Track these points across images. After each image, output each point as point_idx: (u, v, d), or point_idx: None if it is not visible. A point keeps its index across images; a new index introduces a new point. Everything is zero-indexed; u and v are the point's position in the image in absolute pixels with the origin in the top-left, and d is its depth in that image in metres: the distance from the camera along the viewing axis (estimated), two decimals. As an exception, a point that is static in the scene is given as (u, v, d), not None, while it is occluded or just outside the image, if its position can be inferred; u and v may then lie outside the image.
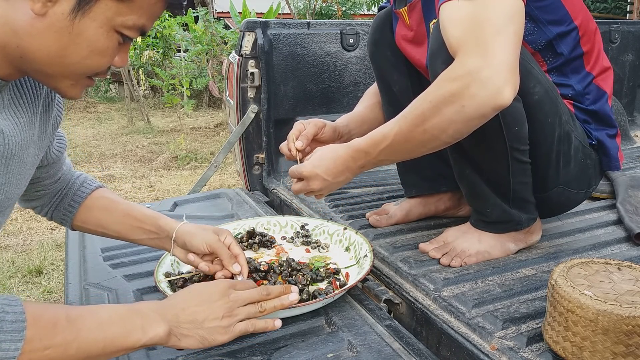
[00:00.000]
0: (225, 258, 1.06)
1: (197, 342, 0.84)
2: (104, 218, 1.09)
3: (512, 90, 0.91)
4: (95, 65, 0.75)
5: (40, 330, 0.67)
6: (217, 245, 1.06)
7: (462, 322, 0.99)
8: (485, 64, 0.90)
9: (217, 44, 5.82)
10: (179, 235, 1.07)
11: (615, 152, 1.25)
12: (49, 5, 0.68)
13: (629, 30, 2.56)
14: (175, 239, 1.07)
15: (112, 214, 1.08)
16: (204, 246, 1.05)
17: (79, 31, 0.70)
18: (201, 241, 1.05)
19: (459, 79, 0.92)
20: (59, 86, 0.77)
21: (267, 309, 0.92)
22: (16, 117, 0.78)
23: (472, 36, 0.92)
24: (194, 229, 1.08)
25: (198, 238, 1.06)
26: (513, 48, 0.92)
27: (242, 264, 1.07)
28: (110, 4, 0.70)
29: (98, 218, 1.09)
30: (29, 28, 0.69)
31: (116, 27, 0.72)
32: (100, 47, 0.73)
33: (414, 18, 1.31)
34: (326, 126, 1.34)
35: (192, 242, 1.06)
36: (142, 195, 3.81)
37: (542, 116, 1.11)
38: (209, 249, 1.06)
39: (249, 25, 1.90)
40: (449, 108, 0.94)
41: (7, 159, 0.75)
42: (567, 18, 1.15)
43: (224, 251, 1.06)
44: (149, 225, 1.08)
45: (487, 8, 0.93)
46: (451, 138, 1.00)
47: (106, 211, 1.09)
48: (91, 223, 1.09)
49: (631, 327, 0.77)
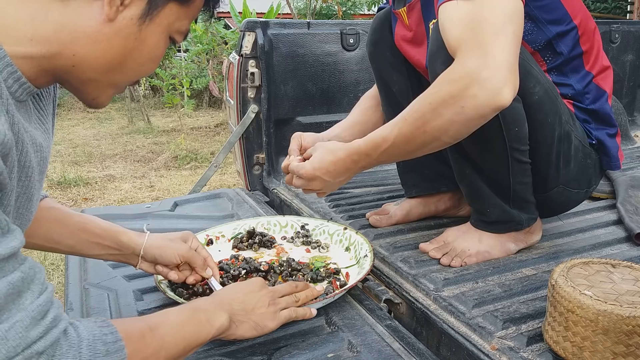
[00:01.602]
0: (199, 265, 1.08)
1: (252, 328, 0.89)
2: (55, 231, 0.96)
3: (511, 91, 0.91)
4: (148, 71, 0.72)
5: (135, 345, 0.68)
6: (189, 254, 1.07)
7: (462, 322, 0.99)
8: (485, 64, 0.90)
9: (217, 43, 5.82)
10: (147, 251, 1.04)
11: (616, 152, 1.25)
12: (120, 10, 0.65)
13: (629, 30, 2.56)
14: (144, 255, 1.04)
15: (65, 227, 0.97)
16: (176, 258, 1.06)
17: (144, 37, 0.68)
18: (173, 254, 1.05)
19: (459, 80, 0.92)
20: (100, 95, 0.72)
21: (301, 299, 0.99)
22: (42, 124, 0.74)
23: (471, 36, 0.92)
24: (161, 241, 1.06)
25: (168, 251, 1.05)
26: (512, 48, 0.92)
27: (212, 267, 1.10)
28: (175, 8, 0.68)
29: (48, 231, 0.95)
30: (95, 34, 0.65)
31: (172, 33, 0.71)
32: (158, 54, 0.71)
33: (413, 18, 1.31)
34: (303, 136, 1.31)
35: (162, 256, 1.05)
36: (142, 195, 3.81)
37: (542, 116, 1.11)
38: (182, 260, 1.06)
39: (249, 25, 1.90)
40: (449, 109, 0.94)
41: (43, 173, 0.72)
42: (567, 17, 1.15)
43: (197, 259, 1.08)
44: (108, 241, 1.00)
45: (486, 8, 0.92)
46: (451, 139, 1.00)
47: (57, 223, 0.96)
48: (39, 237, 0.94)
49: (631, 327, 0.77)
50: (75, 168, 4.53)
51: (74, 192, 3.87)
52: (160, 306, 1.08)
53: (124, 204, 3.59)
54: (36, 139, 0.67)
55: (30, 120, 0.69)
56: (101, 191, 3.94)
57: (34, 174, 0.66)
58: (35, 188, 0.68)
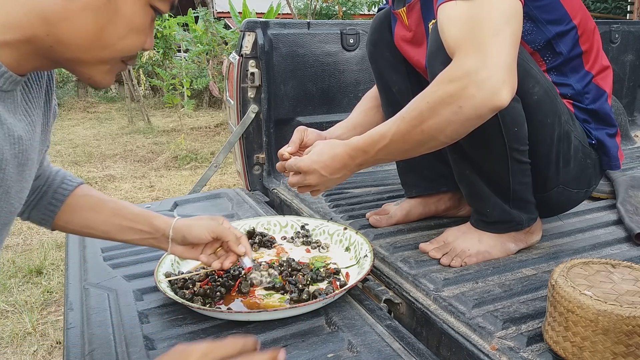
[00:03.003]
0: (232, 240, 1.04)
1: None
2: (91, 218, 1.00)
3: (509, 91, 0.91)
4: (133, 45, 0.70)
5: None
6: (219, 229, 1.04)
7: (462, 322, 0.99)
8: (483, 64, 0.90)
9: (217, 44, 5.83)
10: (177, 230, 1.02)
11: (615, 151, 1.25)
12: None
13: (629, 30, 2.56)
14: (173, 237, 1.03)
15: (100, 213, 1.01)
16: (206, 234, 1.03)
17: (116, 8, 0.66)
18: (203, 230, 1.03)
19: (457, 80, 0.92)
20: (93, 74, 0.71)
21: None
22: (28, 115, 0.73)
23: (470, 37, 0.93)
24: (190, 221, 1.05)
25: (197, 228, 1.03)
26: (511, 49, 0.92)
27: (245, 244, 1.07)
28: None
29: (84, 218, 1.00)
30: (62, 12, 0.63)
31: (152, 1, 0.69)
32: (138, 24, 0.69)
33: (412, 18, 1.31)
34: (307, 131, 1.33)
35: (191, 234, 1.03)
36: (142, 195, 3.81)
37: (541, 116, 1.11)
38: (213, 235, 1.03)
39: (249, 25, 1.90)
40: (447, 109, 0.94)
41: (23, 165, 0.71)
42: (566, 17, 1.15)
43: (228, 233, 1.04)
44: (140, 225, 1.02)
45: (485, 8, 0.93)
46: (449, 138, 1.00)
47: (92, 211, 1.00)
48: (76, 223, 1.01)
49: (631, 327, 0.77)
50: (75, 168, 4.54)
51: (74, 192, 3.86)
52: (160, 306, 1.08)
53: (124, 204, 3.58)
54: (14, 131, 0.66)
55: (15, 112, 0.68)
56: (101, 191, 3.94)
57: (8, 167, 0.65)
58: (13, 181, 0.67)
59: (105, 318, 1.04)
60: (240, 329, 0.99)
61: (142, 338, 0.96)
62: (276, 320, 1.01)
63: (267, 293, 1.12)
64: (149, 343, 0.95)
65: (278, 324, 1.00)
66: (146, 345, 0.94)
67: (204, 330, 0.99)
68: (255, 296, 1.11)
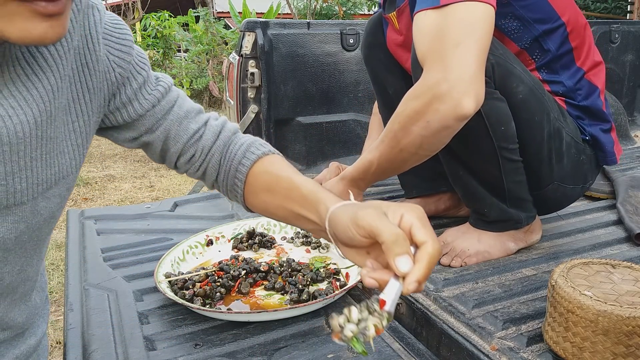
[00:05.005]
0: (390, 241, 0.60)
1: None
2: (267, 202, 0.84)
3: (473, 101, 0.94)
4: None
5: None
6: (376, 224, 0.62)
7: (462, 322, 0.99)
8: (444, 78, 0.94)
9: (217, 44, 5.83)
10: (332, 224, 0.70)
11: (611, 147, 1.25)
12: None
13: (629, 30, 2.56)
14: (332, 233, 0.71)
15: (274, 196, 0.83)
16: (353, 232, 0.65)
17: None
18: (348, 223, 0.65)
19: (421, 95, 0.97)
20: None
21: None
22: (27, 91, 0.62)
23: (433, 50, 0.96)
24: (346, 209, 0.68)
25: (343, 221, 0.67)
26: (473, 58, 0.94)
27: (410, 258, 0.60)
28: None
29: (261, 202, 0.86)
30: None
31: None
32: None
33: (403, 23, 1.32)
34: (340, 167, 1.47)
35: (338, 229, 0.68)
36: (143, 195, 3.81)
37: (528, 115, 1.12)
38: (363, 234, 0.63)
39: (249, 25, 1.90)
40: (416, 125, 0.99)
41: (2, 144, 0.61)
42: (554, 15, 1.15)
43: (386, 230, 0.61)
44: (310, 213, 0.76)
45: (449, 19, 0.95)
46: (428, 151, 1.06)
47: (268, 193, 0.84)
48: (257, 207, 0.88)
49: (631, 328, 0.77)
50: (75, 168, 4.53)
51: (73, 192, 3.86)
52: (161, 307, 1.08)
53: (124, 204, 3.59)
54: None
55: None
56: (101, 191, 3.94)
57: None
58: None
59: (105, 319, 1.04)
60: (240, 329, 0.99)
61: (142, 338, 0.96)
62: (276, 321, 1.01)
63: (267, 293, 1.12)
64: (149, 343, 0.95)
65: (278, 324, 1.00)
66: (146, 345, 0.94)
67: (204, 331, 0.99)
68: (255, 296, 1.11)
